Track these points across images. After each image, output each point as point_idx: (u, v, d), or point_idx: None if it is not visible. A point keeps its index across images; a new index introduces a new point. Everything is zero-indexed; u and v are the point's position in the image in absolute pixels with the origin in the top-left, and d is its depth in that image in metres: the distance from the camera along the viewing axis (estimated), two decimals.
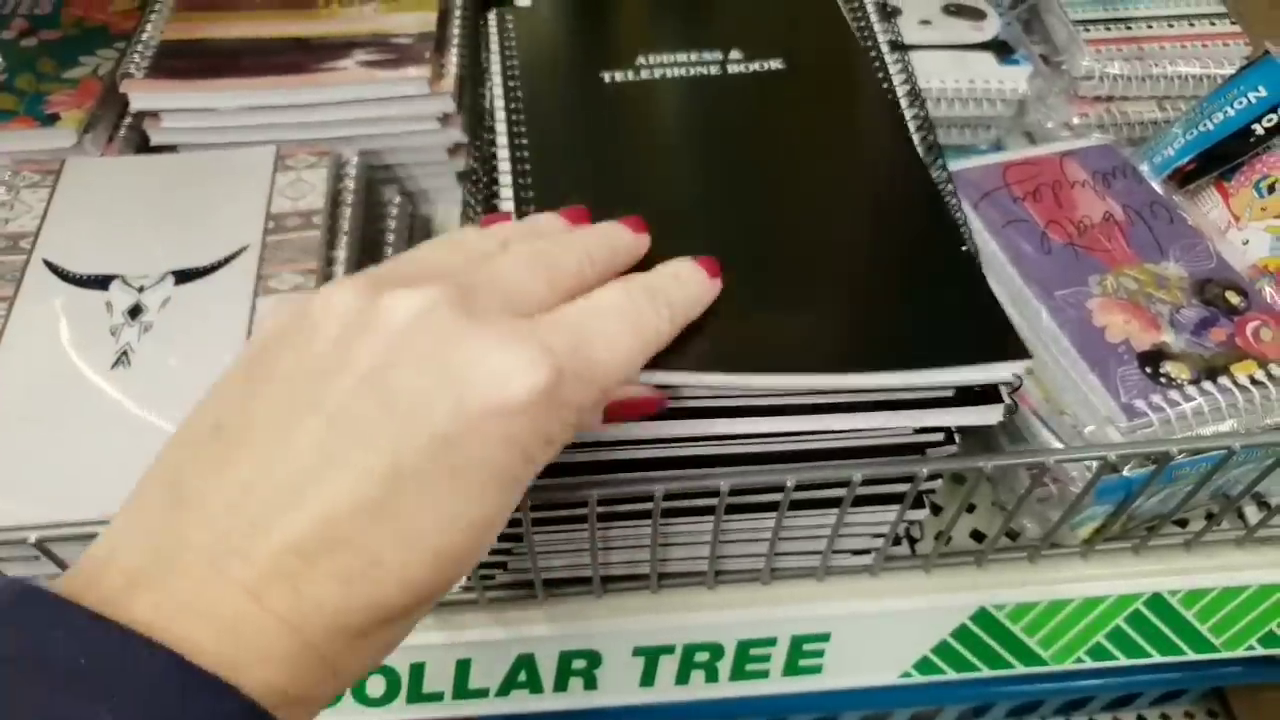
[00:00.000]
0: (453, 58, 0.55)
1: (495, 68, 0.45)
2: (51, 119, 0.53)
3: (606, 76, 0.45)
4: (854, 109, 0.44)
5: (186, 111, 0.53)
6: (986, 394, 0.34)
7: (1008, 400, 0.34)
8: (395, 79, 0.53)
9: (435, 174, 0.57)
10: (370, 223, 0.53)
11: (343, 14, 0.57)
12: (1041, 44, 0.59)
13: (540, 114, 0.43)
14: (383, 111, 0.54)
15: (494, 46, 0.47)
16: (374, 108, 0.53)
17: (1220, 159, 0.49)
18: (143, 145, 0.55)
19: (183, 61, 0.54)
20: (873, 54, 0.47)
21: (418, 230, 0.57)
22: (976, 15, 0.58)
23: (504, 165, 0.41)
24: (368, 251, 0.51)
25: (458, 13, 0.58)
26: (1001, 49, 0.56)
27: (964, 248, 0.37)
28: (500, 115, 0.43)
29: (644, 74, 0.45)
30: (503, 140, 0.42)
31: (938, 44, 0.56)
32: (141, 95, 0.53)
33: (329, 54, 0.54)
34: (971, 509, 0.50)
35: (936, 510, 0.48)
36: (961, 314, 0.35)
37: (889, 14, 0.49)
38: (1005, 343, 0.34)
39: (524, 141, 0.41)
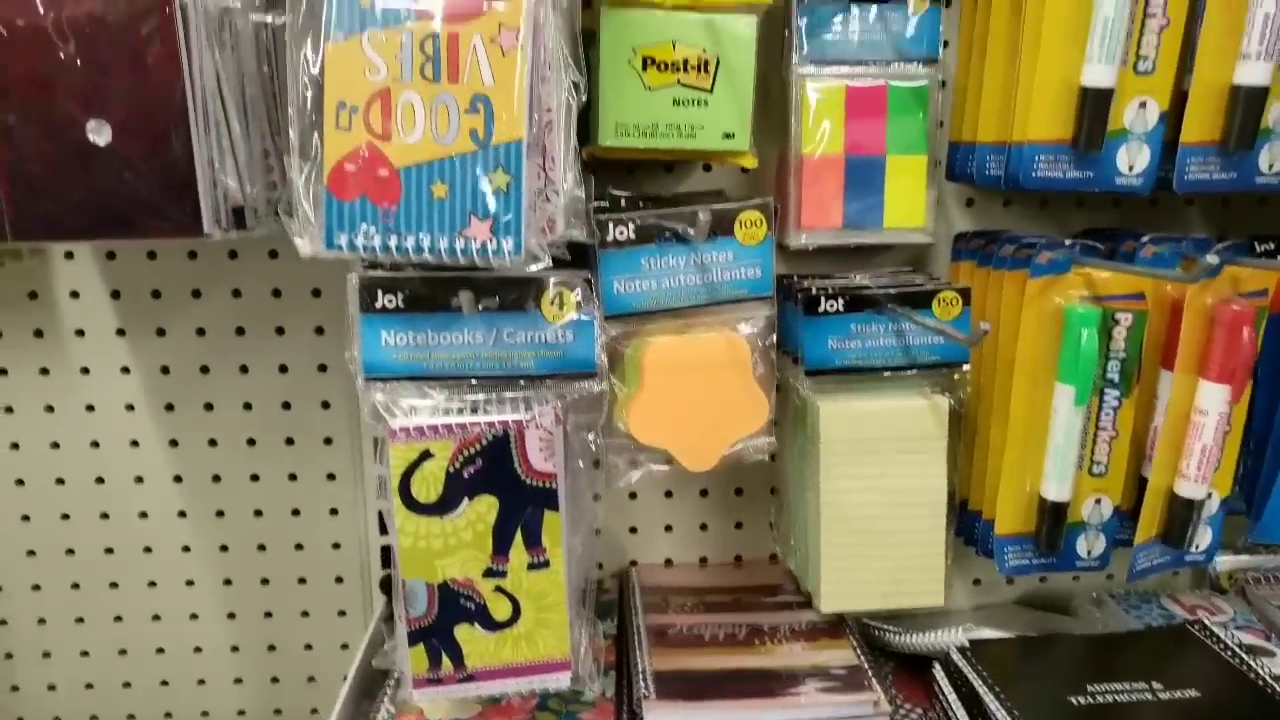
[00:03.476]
0: (878, 687, 0.71)
1: (986, 695, 0.62)
2: None
3: (1073, 700, 0.62)
4: None
5: None
6: None
7: None
8: (853, 702, 0.69)
9: None
10: None
11: (778, 650, 0.75)
12: None
13: None
14: None
15: (980, 680, 0.64)
16: None
17: None
18: None
19: (679, 686, 0.69)
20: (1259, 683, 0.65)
21: None
22: None
23: None
24: None
25: (863, 652, 0.76)
26: None
27: None
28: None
29: (1098, 699, 0.62)
30: None
31: None
32: (658, 712, 0.67)
33: (786, 682, 0.70)
34: None
35: None
36: None
37: (1252, 650, 0.69)
38: None
39: None
